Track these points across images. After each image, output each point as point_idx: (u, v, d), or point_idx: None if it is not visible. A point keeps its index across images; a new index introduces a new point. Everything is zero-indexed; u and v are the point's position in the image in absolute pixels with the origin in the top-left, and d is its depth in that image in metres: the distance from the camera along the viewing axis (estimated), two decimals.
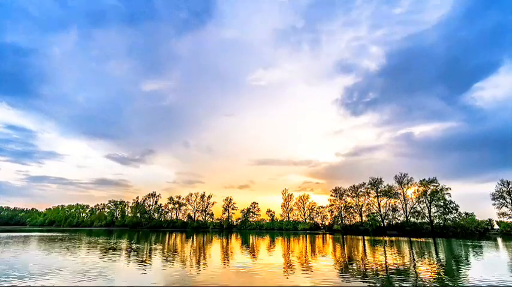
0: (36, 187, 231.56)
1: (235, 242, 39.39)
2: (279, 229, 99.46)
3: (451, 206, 71.35)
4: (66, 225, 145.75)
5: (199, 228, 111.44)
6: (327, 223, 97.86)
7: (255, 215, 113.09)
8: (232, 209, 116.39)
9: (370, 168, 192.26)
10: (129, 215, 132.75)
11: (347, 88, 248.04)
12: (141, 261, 18.27)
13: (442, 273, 14.69)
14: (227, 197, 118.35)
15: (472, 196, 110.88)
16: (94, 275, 13.09)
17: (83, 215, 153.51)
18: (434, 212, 73.75)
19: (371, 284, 11.71)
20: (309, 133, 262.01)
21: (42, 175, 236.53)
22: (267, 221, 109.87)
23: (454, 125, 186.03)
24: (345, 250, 27.94)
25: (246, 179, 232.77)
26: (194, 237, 51.08)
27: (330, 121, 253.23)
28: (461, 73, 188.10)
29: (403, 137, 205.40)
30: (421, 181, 78.83)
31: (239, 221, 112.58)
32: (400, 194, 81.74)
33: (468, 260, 20.00)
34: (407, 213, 79.06)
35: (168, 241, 38.70)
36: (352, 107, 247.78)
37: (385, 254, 24.41)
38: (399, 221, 79.45)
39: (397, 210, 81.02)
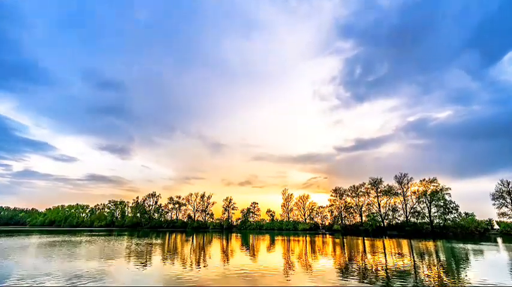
0: (22, 184, 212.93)
1: (235, 242, 39.38)
2: (279, 229, 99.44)
3: (451, 206, 71.39)
4: (66, 225, 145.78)
5: (199, 228, 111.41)
6: (327, 223, 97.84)
7: (255, 215, 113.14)
8: (232, 209, 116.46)
9: (375, 163, 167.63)
10: (129, 215, 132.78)
11: (347, 61, 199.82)
12: (141, 261, 18.26)
13: (442, 275, 14.68)
14: (227, 197, 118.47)
15: None
16: (94, 275, 13.09)
17: (83, 215, 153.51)
18: (434, 212, 73.78)
19: (371, 284, 11.71)
20: (308, 123, 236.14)
21: (25, 170, 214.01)
22: (267, 221, 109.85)
23: (478, 109, 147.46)
24: (345, 251, 27.92)
25: (246, 176, 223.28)
26: (194, 237, 51.07)
27: (329, 108, 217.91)
28: (495, 35, 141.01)
29: (414, 126, 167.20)
30: (421, 180, 79.10)
31: (239, 221, 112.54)
32: (400, 194, 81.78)
33: (469, 264, 19.97)
34: (407, 213, 79.07)
35: (168, 241, 38.69)
36: (353, 87, 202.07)
37: (385, 255, 24.39)
38: (399, 221, 79.46)
39: (397, 210, 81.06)
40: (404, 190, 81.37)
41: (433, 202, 73.76)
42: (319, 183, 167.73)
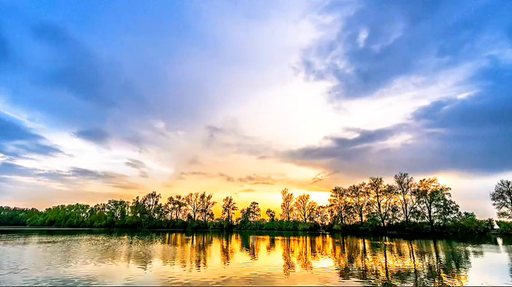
0: (3, 179, 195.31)
1: (235, 243, 39.38)
2: (279, 229, 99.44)
3: (451, 206, 71.46)
4: (66, 225, 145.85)
5: (199, 228, 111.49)
6: (327, 223, 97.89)
7: (255, 215, 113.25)
8: (232, 209, 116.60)
9: (383, 157, 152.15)
10: (129, 215, 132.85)
11: (348, 22, 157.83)
12: (141, 262, 18.25)
13: (442, 274, 14.67)
14: (227, 197, 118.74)
15: None
16: (94, 275, 13.07)
17: (83, 215, 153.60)
18: (434, 212, 73.84)
19: (371, 285, 11.69)
20: (307, 112, 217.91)
21: (1, 163, 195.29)
22: (267, 221, 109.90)
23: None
24: (345, 251, 27.92)
25: (246, 172, 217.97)
26: (194, 237, 51.08)
27: (327, 91, 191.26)
28: None
29: (430, 111, 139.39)
30: (421, 180, 79.23)
31: (239, 221, 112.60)
32: (400, 193, 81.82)
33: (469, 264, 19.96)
34: (407, 213, 79.09)
35: (168, 242, 38.69)
36: (356, 60, 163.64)
37: (385, 255, 24.39)
38: (399, 221, 79.51)
39: (397, 210, 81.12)
40: (404, 189, 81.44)
41: (433, 202, 73.80)
42: (327, 180, 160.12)
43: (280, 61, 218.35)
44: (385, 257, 22.28)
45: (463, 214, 70.30)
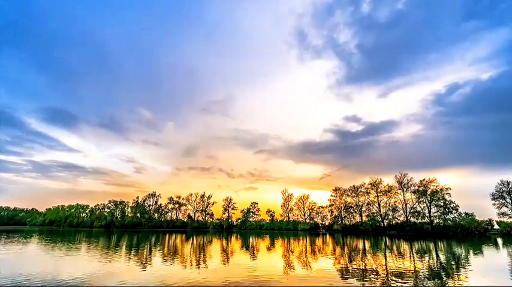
0: None
1: (235, 243, 39.39)
2: (279, 229, 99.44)
3: (451, 206, 71.38)
4: (66, 225, 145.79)
5: (199, 228, 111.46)
6: (327, 223, 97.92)
7: (255, 215, 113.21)
8: (232, 209, 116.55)
9: (388, 152, 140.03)
10: (129, 215, 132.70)
11: None
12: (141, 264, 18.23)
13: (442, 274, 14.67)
14: (227, 197, 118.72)
15: None
16: (97, 275, 13.07)
17: (83, 215, 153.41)
18: (434, 212, 73.76)
19: (371, 284, 11.70)
20: (307, 102, 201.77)
21: None
22: (267, 221, 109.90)
23: None
24: (345, 251, 27.91)
25: (246, 168, 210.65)
26: (194, 238, 51.06)
27: (326, 74, 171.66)
28: None
29: (444, 96, 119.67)
30: (421, 180, 79.10)
31: (239, 221, 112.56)
32: (400, 193, 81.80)
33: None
34: (407, 213, 79.07)
35: (168, 243, 38.68)
36: (360, 29, 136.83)
37: (385, 255, 24.39)
38: (399, 221, 79.47)
39: (397, 210, 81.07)
40: (404, 189, 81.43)
41: (433, 202, 73.74)
42: (331, 178, 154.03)
43: (272, 33, 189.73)
44: (385, 257, 22.28)
45: (463, 214, 70.29)
